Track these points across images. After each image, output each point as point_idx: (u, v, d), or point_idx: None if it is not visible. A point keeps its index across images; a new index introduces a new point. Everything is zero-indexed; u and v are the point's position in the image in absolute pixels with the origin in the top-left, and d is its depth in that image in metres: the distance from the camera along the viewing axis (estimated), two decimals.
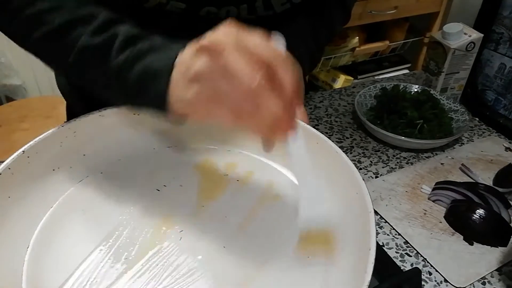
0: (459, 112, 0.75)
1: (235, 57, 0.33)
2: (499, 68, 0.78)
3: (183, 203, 0.47)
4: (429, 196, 0.60)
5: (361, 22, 1.69)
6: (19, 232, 0.42)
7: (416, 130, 0.70)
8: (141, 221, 0.45)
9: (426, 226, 0.56)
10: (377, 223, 0.56)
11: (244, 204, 0.48)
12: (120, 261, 0.41)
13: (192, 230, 0.44)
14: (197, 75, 0.34)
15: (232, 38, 0.33)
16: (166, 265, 0.41)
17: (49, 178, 0.46)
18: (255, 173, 0.52)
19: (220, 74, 0.33)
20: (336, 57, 1.80)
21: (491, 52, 0.78)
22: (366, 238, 0.37)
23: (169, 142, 0.55)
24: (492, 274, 0.50)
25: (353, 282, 0.36)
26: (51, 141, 0.46)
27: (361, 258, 0.36)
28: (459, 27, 0.75)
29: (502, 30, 0.76)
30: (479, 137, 0.75)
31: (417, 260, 0.52)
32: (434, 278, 0.50)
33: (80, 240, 0.43)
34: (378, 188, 0.62)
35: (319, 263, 0.42)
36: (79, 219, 0.45)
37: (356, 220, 0.41)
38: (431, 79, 0.81)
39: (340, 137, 0.73)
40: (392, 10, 1.71)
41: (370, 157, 0.69)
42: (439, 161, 0.68)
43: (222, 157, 0.54)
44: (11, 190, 0.42)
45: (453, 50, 0.75)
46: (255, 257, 0.42)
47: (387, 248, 0.53)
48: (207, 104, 0.35)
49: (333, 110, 0.81)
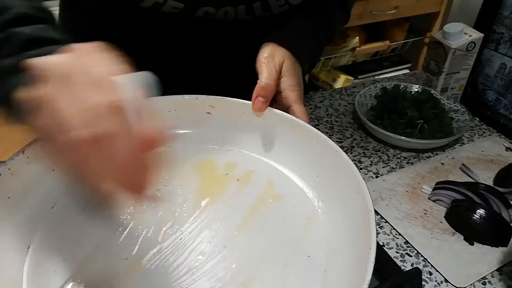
0: (459, 112, 0.75)
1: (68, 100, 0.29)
2: (499, 68, 0.78)
3: (183, 203, 0.47)
4: (430, 196, 0.60)
5: (361, 22, 1.69)
6: (20, 232, 0.42)
7: (416, 130, 0.70)
8: (141, 221, 0.45)
9: (426, 226, 0.56)
10: (378, 223, 0.56)
11: (244, 203, 0.48)
12: (120, 262, 0.41)
13: (192, 230, 0.44)
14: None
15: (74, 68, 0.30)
16: (167, 265, 0.41)
17: (49, 178, 0.46)
18: (255, 173, 0.52)
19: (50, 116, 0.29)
20: (337, 57, 1.80)
21: (492, 52, 0.78)
22: (367, 237, 0.37)
23: (169, 141, 0.55)
24: (493, 274, 0.50)
25: (354, 282, 0.36)
26: None
27: (362, 258, 0.36)
28: (460, 27, 0.75)
29: (502, 30, 0.76)
30: (480, 137, 0.75)
31: (417, 260, 0.52)
32: (435, 278, 0.50)
33: (80, 240, 0.43)
34: (378, 188, 0.61)
35: (319, 262, 0.42)
36: (79, 219, 0.45)
37: (357, 219, 0.41)
38: (432, 79, 0.81)
39: (340, 137, 0.73)
40: (393, 10, 1.71)
41: (370, 157, 0.69)
42: (440, 161, 0.68)
43: (222, 156, 0.54)
44: (11, 190, 0.41)
45: (453, 50, 0.75)
46: (256, 257, 0.42)
47: (387, 248, 0.53)
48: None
49: (333, 110, 0.81)
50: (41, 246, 0.42)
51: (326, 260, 0.42)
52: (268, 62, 0.51)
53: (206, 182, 0.50)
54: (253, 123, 0.53)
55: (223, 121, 0.54)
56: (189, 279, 0.40)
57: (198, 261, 0.41)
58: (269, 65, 0.51)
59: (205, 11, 0.51)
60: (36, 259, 0.41)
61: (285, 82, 0.52)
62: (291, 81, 0.53)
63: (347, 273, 0.39)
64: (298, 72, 0.55)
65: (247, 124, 0.53)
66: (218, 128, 0.54)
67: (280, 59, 0.52)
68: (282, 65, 0.53)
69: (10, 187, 0.41)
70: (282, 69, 0.52)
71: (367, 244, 0.36)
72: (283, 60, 0.53)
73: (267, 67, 0.51)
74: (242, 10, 0.52)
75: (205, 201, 0.48)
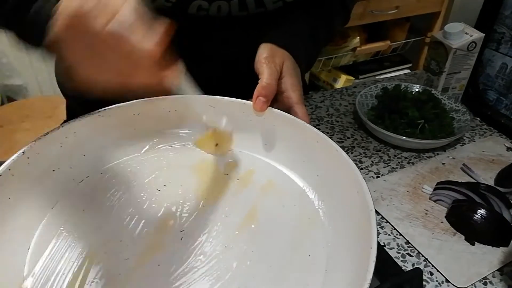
0: (460, 112, 0.75)
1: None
2: (500, 68, 0.78)
3: (183, 202, 0.47)
4: (431, 196, 0.60)
5: (362, 22, 1.69)
6: (20, 233, 0.42)
7: (417, 130, 0.70)
8: (142, 221, 0.45)
9: (427, 226, 0.56)
10: (378, 223, 0.56)
11: (244, 203, 0.48)
12: (121, 262, 0.41)
13: (192, 230, 0.44)
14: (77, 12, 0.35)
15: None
16: (167, 265, 0.41)
17: (49, 179, 0.46)
18: (255, 173, 0.52)
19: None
20: (337, 57, 1.80)
21: (493, 52, 0.78)
22: (367, 236, 0.36)
23: (169, 141, 0.55)
24: (494, 274, 0.50)
25: (355, 281, 0.36)
26: (51, 142, 0.46)
27: (363, 257, 0.35)
28: (461, 27, 0.75)
29: (503, 30, 0.75)
30: (481, 137, 0.75)
31: (418, 260, 0.52)
32: (436, 278, 0.50)
33: (81, 241, 0.43)
34: (379, 188, 0.61)
35: (320, 262, 0.42)
36: (79, 220, 0.45)
37: (357, 218, 0.41)
38: (433, 79, 0.81)
39: (341, 137, 0.73)
40: (393, 10, 1.71)
41: (371, 157, 0.69)
42: (441, 161, 0.68)
43: (222, 156, 0.54)
44: (11, 191, 0.41)
45: (454, 50, 0.75)
46: (256, 257, 0.42)
47: (388, 248, 0.53)
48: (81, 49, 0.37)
49: (334, 110, 0.81)
50: (42, 247, 0.42)
51: (327, 260, 0.42)
52: (268, 62, 0.51)
53: (206, 182, 0.50)
54: (253, 123, 0.53)
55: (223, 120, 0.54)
56: (190, 279, 0.40)
57: (198, 261, 0.41)
58: (270, 65, 0.51)
59: (198, 5, 0.50)
60: (37, 260, 0.41)
61: (286, 82, 0.52)
62: (292, 81, 0.53)
63: (348, 272, 0.38)
64: (298, 72, 0.55)
65: (247, 124, 0.53)
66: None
67: (280, 59, 0.52)
68: (283, 66, 0.52)
69: (10, 188, 0.41)
70: (282, 69, 0.52)
71: (368, 243, 0.36)
72: (283, 61, 0.53)
73: (268, 67, 0.51)
74: (235, 5, 0.52)
75: (205, 201, 0.48)
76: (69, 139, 0.47)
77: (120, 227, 0.44)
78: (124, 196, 0.48)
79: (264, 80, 0.50)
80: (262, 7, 0.54)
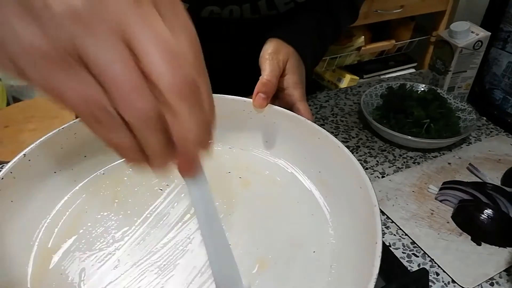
0: (466, 111, 0.74)
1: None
2: (507, 66, 0.77)
3: (185, 202, 0.47)
4: (436, 196, 0.60)
5: (367, 21, 1.68)
6: (23, 235, 0.42)
7: (423, 129, 0.69)
8: (143, 221, 0.45)
9: (433, 226, 0.55)
10: (384, 223, 0.56)
11: (247, 201, 0.48)
12: (122, 262, 0.41)
13: (193, 229, 0.44)
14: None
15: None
16: (169, 264, 0.41)
17: (51, 181, 0.46)
18: (257, 170, 0.52)
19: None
20: (342, 56, 1.79)
21: (499, 50, 0.78)
22: (372, 232, 0.36)
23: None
24: (500, 274, 0.50)
25: (361, 277, 0.35)
26: (52, 144, 0.46)
27: (368, 252, 0.35)
28: (466, 25, 0.74)
29: (510, 29, 0.75)
30: (487, 137, 0.74)
31: (424, 261, 0.51)
32: (442, 278, 0.49)
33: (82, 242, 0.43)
34: (384, 188, 0.61)
35: (325, 258, 0.41)
36: (81, 221, 0.45)
37: (361, 214, 0.40)
38: (438, 78, 0.81)
39: (346, 136, 0.73)
40: (398, 9, 1.70)
41: (376, 156, 0.68)
42: (446, 161, 0.67)
43: (224, 155, 0.54)
44: (13, 194, 0.41)
45: (460, 49, 0.74)
46: (261, 254, 0.42)
47: (393, 248, 0.53)
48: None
49: (338, 109, 0.80)
50: (44, 248, 0.42)
51: (332, 256, 0.42)
52: (271, 58, 0.51)
53: (208, 181, 0.50)
54: (253, 121, 0.53)
55: (224, 119, 0.54)
56: (193, 277, 0.39)
57: (200, 260, 0.41)
58: (272, 62, 0.51)
59: (210, 10, 0.50)
60: (40, 262, 0.41)
61: (289, 79, 0.52)
62: (295, 78, 0.53)
63: (353, 268, 0.38)
64: (302, 70, 0.55)
65: (248, 122, 0.53)
66: (219, 127, 0.53)
67: (284, 56, 0.52)
68: (286, 63, 0.52)
69: (12, 191, 0.41)
70: (286, 66, 0.52)
71: (373, 238, 0.35)
72: (287, 58, 0.52)
73: (270, 63, 0.51)
74: (247, 8, 0.52)
75: None
76: (70, 141, 0.47)
77: (124, 228, 0.44)
78: (126, 196, 0.48)
79: (264, 77, 0.50)
80: (274, 9, 0.54)
